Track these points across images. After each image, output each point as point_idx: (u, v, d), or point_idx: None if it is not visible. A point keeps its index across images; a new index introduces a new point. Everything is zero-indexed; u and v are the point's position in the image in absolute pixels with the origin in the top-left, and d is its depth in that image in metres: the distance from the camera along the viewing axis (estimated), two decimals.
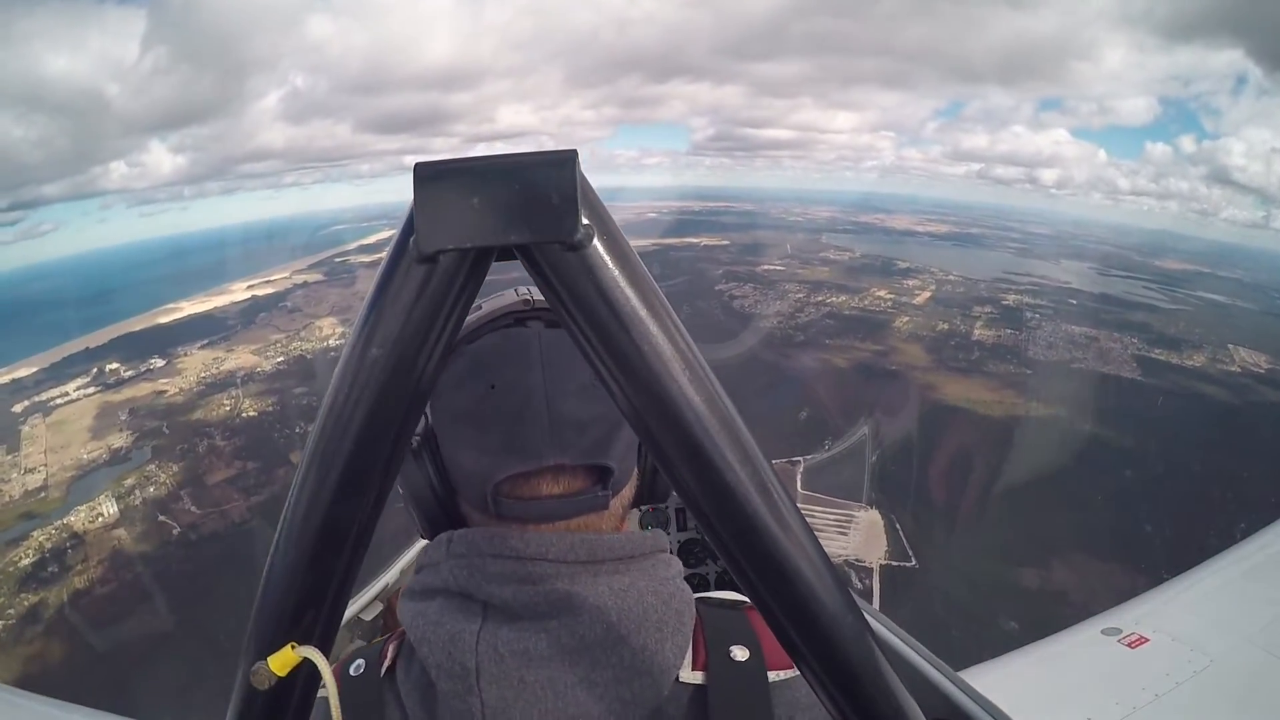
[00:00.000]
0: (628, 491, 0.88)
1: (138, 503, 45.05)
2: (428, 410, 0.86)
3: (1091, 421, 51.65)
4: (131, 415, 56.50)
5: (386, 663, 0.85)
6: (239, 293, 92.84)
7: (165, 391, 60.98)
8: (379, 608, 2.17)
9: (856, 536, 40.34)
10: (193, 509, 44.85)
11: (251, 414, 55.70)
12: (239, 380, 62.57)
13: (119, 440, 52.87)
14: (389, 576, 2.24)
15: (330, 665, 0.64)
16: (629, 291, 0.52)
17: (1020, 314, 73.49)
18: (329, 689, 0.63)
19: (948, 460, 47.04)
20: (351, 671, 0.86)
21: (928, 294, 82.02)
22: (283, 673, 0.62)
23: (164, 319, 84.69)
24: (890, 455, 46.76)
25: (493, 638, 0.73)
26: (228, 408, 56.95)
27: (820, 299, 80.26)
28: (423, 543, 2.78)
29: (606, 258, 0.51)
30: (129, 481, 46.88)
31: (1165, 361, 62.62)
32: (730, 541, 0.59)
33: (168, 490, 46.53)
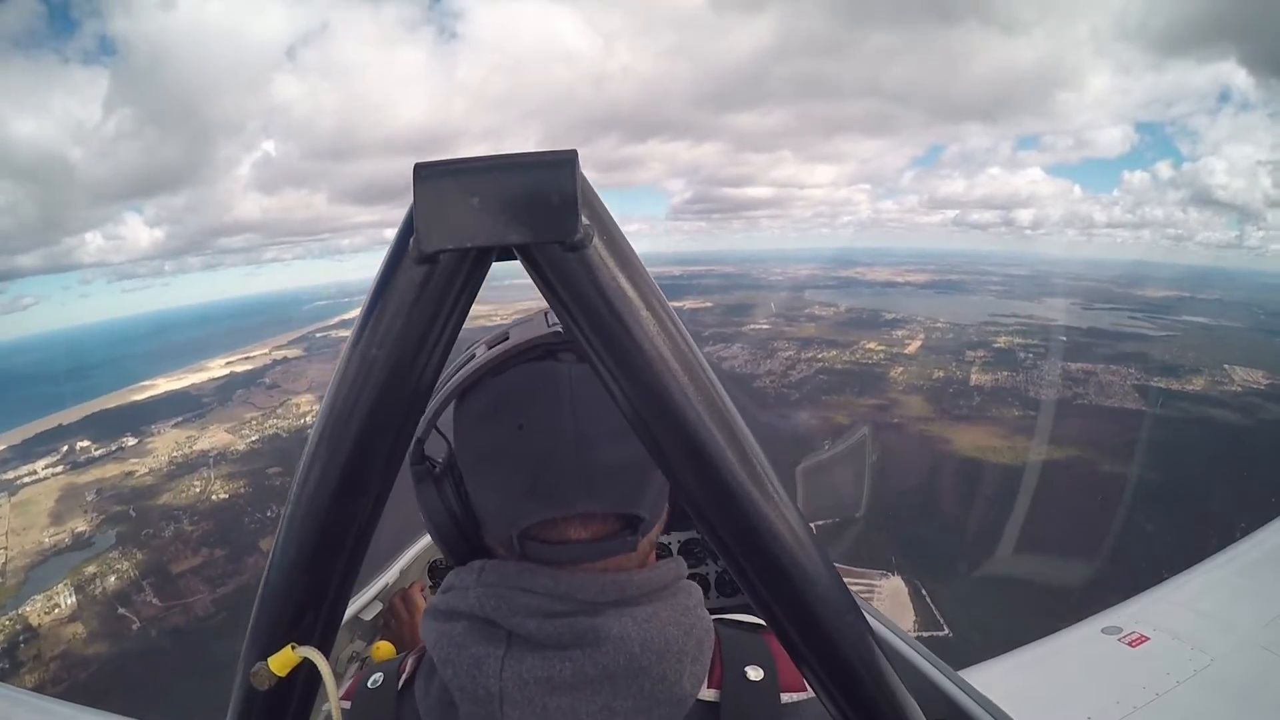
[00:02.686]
0: (656, 529, 0.85)
1: (97, 593, 41.68)
2: (450, 439, 0.85)
3: (1107, 458, 50.03)
4: (98, 496, 53.94)
5: (404, 677, 0.86)
6: (217, 369, 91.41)
7: (134, 472, 58.42)
8: (379, 608, 2.13)
9: (881, 608, 37.37)
10: (155, 601, 41.47)
11: (222, 496, 52.96)
12: (210, 461, 59.98)
13: (83, 524, 50.06)
14: (389, 576, 2.21)
15: (331, 666, 0.64)
16: (629, 292, 0.52)
17: (1014, 355, 72.88)
18: (329, 689, 0.63)
19: (967, 514, 44.65)
20: (369, 684, 0.87)
21: (918, 343, 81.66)
22: (283, 673, 0.62)
23: (138, 396, 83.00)
24: (906, 515, 44.47)
25: (517, 664, 0.73)
26: (198, 489, 54.15)
27: (811, 355, 79.48)
28: (424, 541, 2.36)
29: (607, 258, 0.50)
30: (90, 569, 43.63)
31: (1167, 389, 62.09)
32: (730, 542, 0.59)
33: (130, 580, 43.15)
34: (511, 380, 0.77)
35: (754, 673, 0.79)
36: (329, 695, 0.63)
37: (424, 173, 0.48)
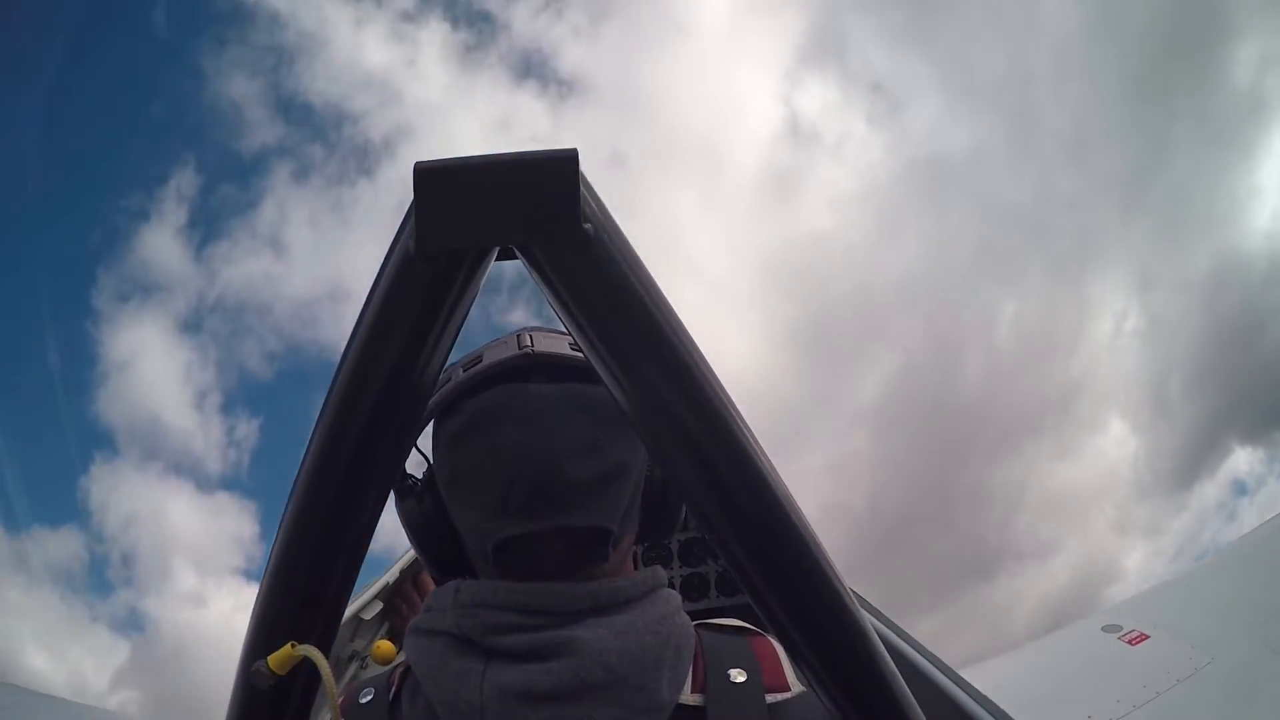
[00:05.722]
0: (628, 539, 0.88)
1: None
2: (430, 456, 0.88)
3: None
4: None
5: (393, 690, 0.86)
6: None
7: None
8: (379, 607, 2.02)
9: None
10: None
11: None
12: None
13: None
14: (389, 576, 2.08)
15: (331, 665, 0.63)
16: (631, 291, 0.51)
17: None
18: (328, 688, 0.62)
19: None
20: (361, 700, 0.86)
21: None
22: (282, 672, 0.61)
23: None
24: None
25: (498, 678, 0.73)
26: None
27: None
28: None
29: (609, 257, 0.50)
30: None
31: None
32: (731, 541, 0.59)
33: None
34: (485, 402, 0.80)
35: (737, 675, 0.78)
36: (329, 694, 0.61)
37: (424, 172, 0.46)
